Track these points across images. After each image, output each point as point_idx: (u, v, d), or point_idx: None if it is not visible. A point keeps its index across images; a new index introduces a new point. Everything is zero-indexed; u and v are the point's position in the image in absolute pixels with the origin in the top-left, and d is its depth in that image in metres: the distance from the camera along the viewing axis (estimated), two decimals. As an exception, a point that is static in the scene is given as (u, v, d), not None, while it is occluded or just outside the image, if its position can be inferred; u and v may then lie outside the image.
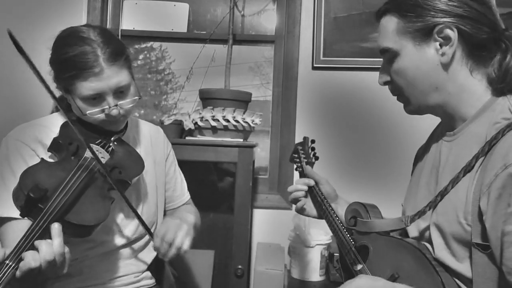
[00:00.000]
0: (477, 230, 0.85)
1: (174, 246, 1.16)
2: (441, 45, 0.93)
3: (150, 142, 1.41)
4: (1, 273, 0.85)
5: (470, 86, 0.94)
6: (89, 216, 1.01)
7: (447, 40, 0.92)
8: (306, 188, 1.32)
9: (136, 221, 1.29)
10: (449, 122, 0.99)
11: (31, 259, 0.88)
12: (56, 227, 0.93)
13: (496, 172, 0.81)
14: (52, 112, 1.32)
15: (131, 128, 1.36)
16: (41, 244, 0.91)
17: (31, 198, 0.92)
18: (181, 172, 1.53)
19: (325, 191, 1.29)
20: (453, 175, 0.91)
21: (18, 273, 0.88)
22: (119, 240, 1.28)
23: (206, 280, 2.12)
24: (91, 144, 1.11)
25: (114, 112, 1.14)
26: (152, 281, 1.41)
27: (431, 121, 1.09)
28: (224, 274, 2.16)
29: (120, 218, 1.28)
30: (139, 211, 1.30)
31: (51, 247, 0.91)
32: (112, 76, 1.11)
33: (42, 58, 1.13)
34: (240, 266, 1.75)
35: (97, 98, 1.12)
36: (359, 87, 2.14)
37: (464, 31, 0.92)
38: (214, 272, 2.13)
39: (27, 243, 0.91)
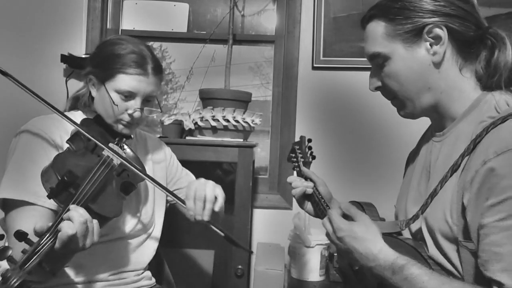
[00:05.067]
0: (462, 227, 0.86)
1: (208, 201, 1.17)
2: (431, 45, 0.94)
3: (147, 146, 1.43)
4: (41, 244, 0.89)
5: (460, 83, 0.95)
6: (108, 208, 1.07)
7: (437, 39, 0.93)
8: (304, 190, 1.28)
9: (135, 218, 1.32)
10: (439, 122, 1.00)
11: (67, 227, 0.92)
12: (72, 207, 0.97)
13: (476, 168, 0.82)
14: (65, 110, 1.35)
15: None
16: (71, 212, 0.95)
17: (64, 182, 0.97)
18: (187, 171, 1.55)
19: (322, 192, 1.29)
20: (442, 175, 0.92)
21: (57, 244, 0.91)
22: (117, 233, 1.29)
23: (206, 280, 2.12)
24: (110, 144, 1.19)
25: (137, 114, 1.22)
26: (152, 282, 1.42)
27: (429, 121, 1.09)
28: (224, 274, 2.16)
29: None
30: (137, 213, 1.34)
31: (80, 212, 0.95)
32: (151, 83, 1.23)
33: (42, 56, 1.14)
34: (240, 266, 1.76)
35: (128, 97, 1.21)
36: (359, 87, 2.13)
37: (453, 29, 0.93)
38: (214, 272, 2.13)
39: (60, 220, 0.94)
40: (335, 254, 1.93)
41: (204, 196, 1.18)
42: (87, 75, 1.26)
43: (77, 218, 0.94)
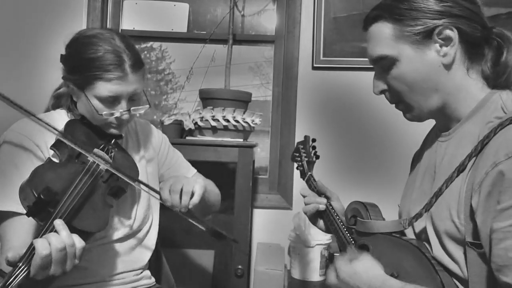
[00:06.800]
0: (470, 228, 0.85)
1: (184, 193, 1.15)
2: (441, 46, 0.93)
3: (138, 138, 1.40)
4: (13, 275, 0.85)
5: (467, 84, 0.95)
6: (91, 222, 1.02)
7: (447, 40, 0.92)
8: (318, 207, 1.25)
9: (130, 221, 1.30)
10: (445, 123, 1.00)
11: (41, 248, 0.87)
12: (59, 223, 0.93)
13: (487, 170, 0.82)
14: (48, 109, 1.31)
15: None
16: (49, 235, 0.91)
17: (42, 200, 0.92)
18: (180, 154, 1.51)
19: (336, 207, 1.25)
20: (448, 175, 0.91)
21: (32, 270, 0.88)
22: (113, 236, 1.27)
23: (206, 280, 2.12)
24: (96, 149, 1.14)
25: (125, 116, 1.18)
26: (151, 281, 1.41)
27: (431, 121, 1.09)
28: (224, 274, 2.16)
29: (115, 215, 1.28)
30: (133, 212, 1.31)
31: (60, 237, 0.91)
32: (133, 82, 1.15)
33: (42, 56, 1.13)
34: (240, 266, 1.76)
35: (112, 101, 1.15)
36: (359, 87, 2.13)
37: (462, 30, 0.92)
38: (214, 272, 2.13)
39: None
40: (335, 254, 1.93)
41: (181, 189, 1.16)
42: (64, 80, 1.21)
43: (54, 244, 0.89)
